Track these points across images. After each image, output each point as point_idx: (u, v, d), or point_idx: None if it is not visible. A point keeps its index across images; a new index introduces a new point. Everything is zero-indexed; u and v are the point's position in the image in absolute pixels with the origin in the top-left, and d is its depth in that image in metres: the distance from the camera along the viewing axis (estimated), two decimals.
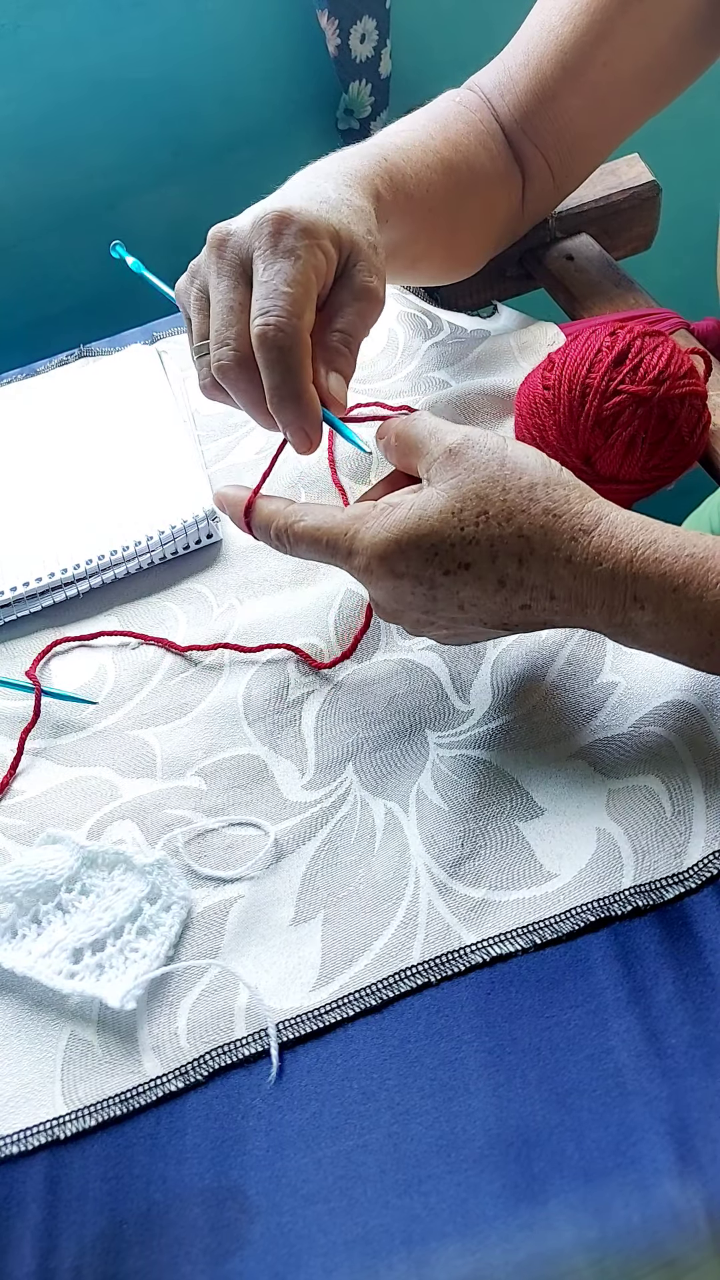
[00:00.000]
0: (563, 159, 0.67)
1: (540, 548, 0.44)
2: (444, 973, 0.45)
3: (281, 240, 0.46)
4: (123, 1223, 0.40)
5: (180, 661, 0.58)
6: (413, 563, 0.45)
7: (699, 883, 0.45)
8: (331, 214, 0.49)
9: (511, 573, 0.44)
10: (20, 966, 0.46)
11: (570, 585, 0.44)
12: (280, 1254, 0.39)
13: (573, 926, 0.45)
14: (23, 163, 0.90)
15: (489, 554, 0.44)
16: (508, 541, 0.44)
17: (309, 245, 0.46)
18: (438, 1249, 0.38)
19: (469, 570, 0.44)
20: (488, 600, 0.45)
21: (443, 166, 0.61)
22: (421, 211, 0.59)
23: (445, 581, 0.45)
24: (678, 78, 0.64)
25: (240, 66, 0.93)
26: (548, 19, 0.63)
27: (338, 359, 0.49)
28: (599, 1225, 0.38)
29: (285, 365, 0.46)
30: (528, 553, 0.44)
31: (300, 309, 0.46)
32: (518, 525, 0.44)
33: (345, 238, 0.48)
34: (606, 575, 0.44)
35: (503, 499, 0.45)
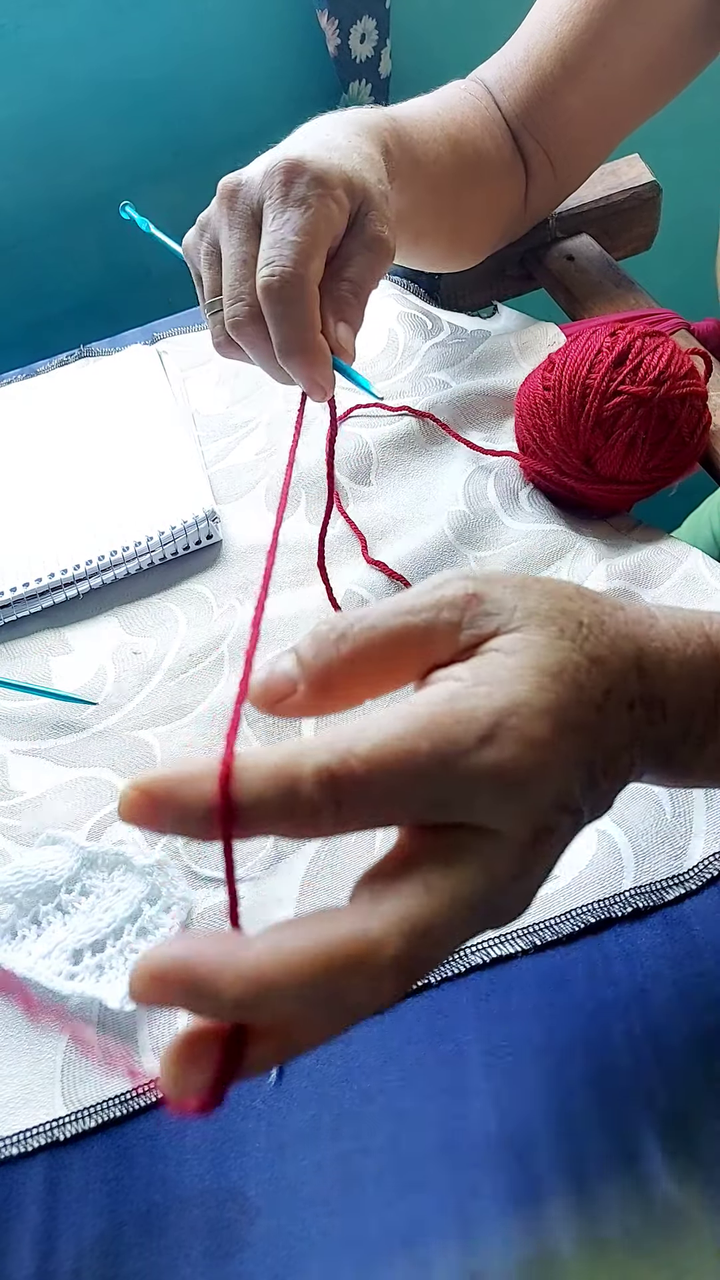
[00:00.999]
0: (564, 156, 0.67)
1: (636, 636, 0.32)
2: (444, 973, 0.45)
3: (292, 189, 0.45)
4: (123, 1224, 0.40)
5: (180, 662, 0.58)
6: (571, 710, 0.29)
7: (700, 884, 0.45)
8: (344, 161, 0.47)
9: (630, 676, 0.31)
10: (20, 967, 0.46)
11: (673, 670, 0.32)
12: (280, 1255, 0.39)
13: (573, 928, 0.45)
14: (23, 163, 0.90)
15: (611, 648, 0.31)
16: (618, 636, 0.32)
17: (321, 194, 0.45)
18: (438, 1250, 0.38)
19: (603, 665, 0.30)
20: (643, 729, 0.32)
21: (450, 143, 0.60)
22: (428, 182, 0.58)
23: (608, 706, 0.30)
24: (678, 76, 0.64)
25: (240, 67, 0.93)
26: (547, 17, 0.63)
27: (346, 309, 0.47)
28: (598, 1226, 0.38)
29: (292, 317, 0.44)
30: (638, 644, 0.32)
31: (307, 259, 0.44)
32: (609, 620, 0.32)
33: (358, 185, 0.47)
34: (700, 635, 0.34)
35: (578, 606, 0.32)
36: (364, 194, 0.47)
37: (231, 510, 0.65)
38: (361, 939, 0.25)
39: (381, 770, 0.26)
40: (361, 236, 0.48)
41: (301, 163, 0.45)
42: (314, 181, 0.45)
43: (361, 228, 0.48)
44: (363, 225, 0.48)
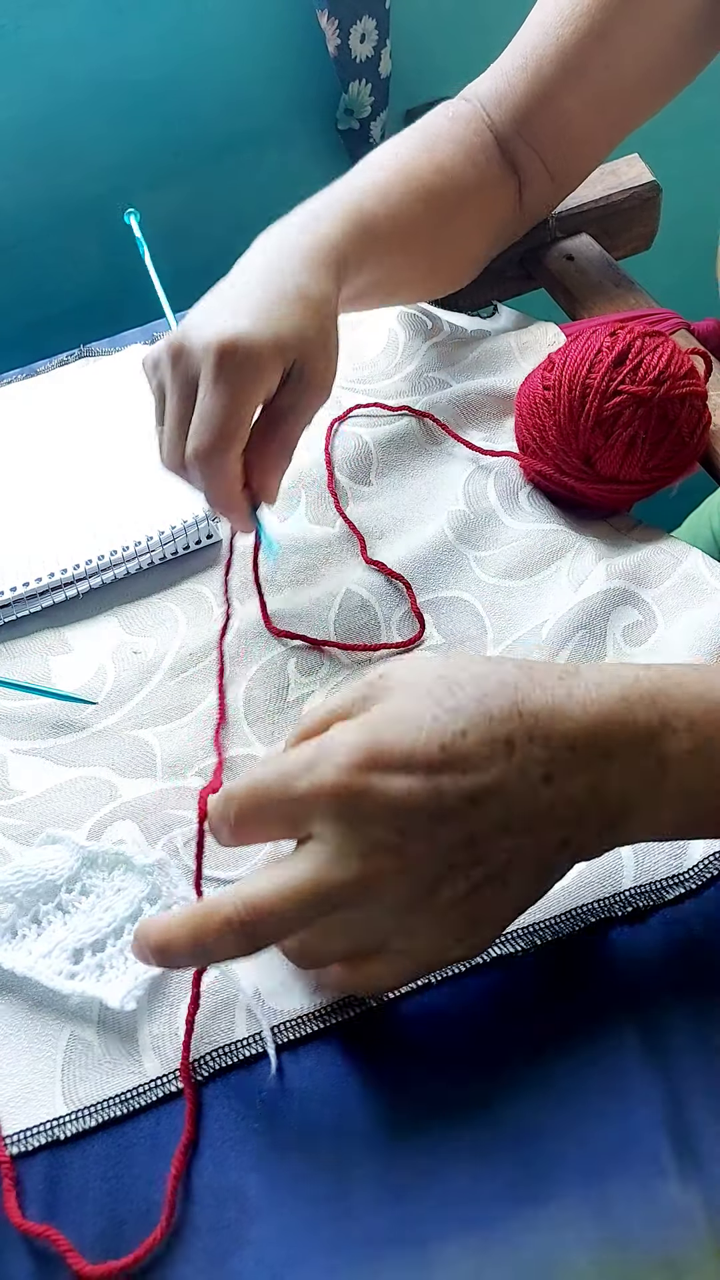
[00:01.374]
0: (562, 160, 0.67)
1: (532, 691, 0.37)
2: (444, 974, 0.45)
3: (223, 372, 0.49)
4: (123, 1223, 0.40)
5: (181, 661, 0.58)
6: (399, 751, 0.35)
7: (699, 884, 0.45)
8: (279, 326, 0.50)
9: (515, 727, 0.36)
10: (20, 967, 0.46)
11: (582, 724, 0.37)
12: (280, 1254, 0.39)
13: (573, 928, 0.45)
14: (23, 163, 0.90)
15: (482, 713, 0.36)
16: (493, 695, 0.36)
17: (250, 376, 0.49)
18: (437, 1249, 0.38)
19: (466, 737, 0.35)
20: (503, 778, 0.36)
21: (426, 194, 0.62)
22: (399, 248, 0.61)
23: (444, 759, 0.35)
24: (678, 76, 0.65)
25: (240, 67, 0.93)
26: (547, 21, 0.63)
27: (272, 458, 0.52)
28: (599, 1226, 0.38)
29: (214, 482, 0.51)
30: (521, 699, 0.37)
31: (231, 435, 0.49)
32: (498, 678, 0.37)
33: (293, 345, 0.51)
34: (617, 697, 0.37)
35: (465, 668, 0.38)
36: (298, 351, 0.51)
37: None
38: (210, 905, 0.37)
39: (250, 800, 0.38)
40: (295, 387, 0.52)
41: (235, 344, 0.49)
42: (244, 363, 0.49)
43: (297, 379, 0.52)
44: (298, 376, 0.52)
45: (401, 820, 0.35)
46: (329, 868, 0.36)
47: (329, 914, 0.36)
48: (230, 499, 0.51)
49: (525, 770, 0.36)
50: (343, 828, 0.36)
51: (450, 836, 0.35)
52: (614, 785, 0.36)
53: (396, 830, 0.35)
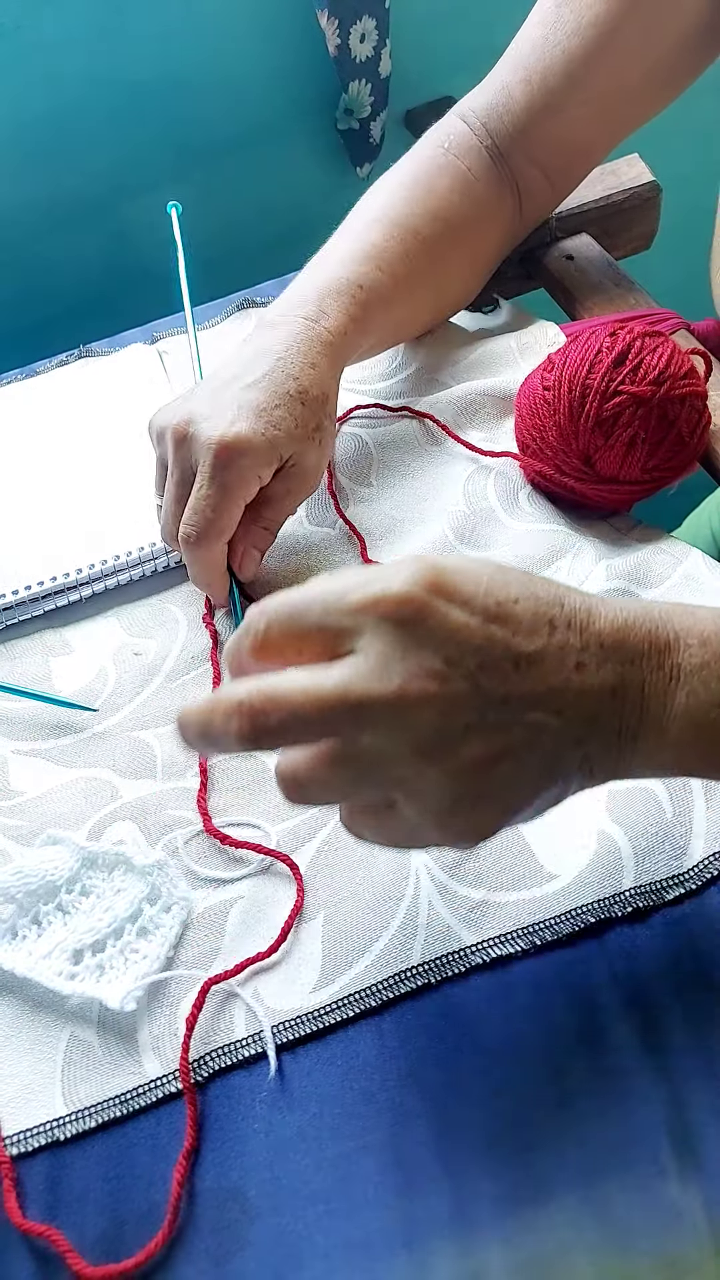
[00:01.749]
0: (563, 169, 0.68)
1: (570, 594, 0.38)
2: (444, 974, 0.45)
3: (218, 471, 0.53)
4: (123, 1223, 0.40)
5: (182, 664, 0.58)
6: (462, 584, 0.35)
7: (699, 884, 0.45)
8: (278, 428, 0.55)
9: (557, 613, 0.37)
10: (20, 967, 0.46)
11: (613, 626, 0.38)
12: (280, 1255, 0.39)
13: (573, 928, 0.45)
14: (23, 163, 0.90)
15: (531, 592, 0.37)
16: (540, 586, 0.38)
17: (244, 475, 0.54)
18: (438, 1250, 0.38)
19: (518, 604, 0.36)
20: (544, 649, 0.36)
21: (424, 246, 0.64)
22: (402, 300, 0.64)
23: (499, 613, 0.36)
24: (681, 79, 0.65)
25: (240, 67, 0.93)
26: (550, 34, 0.63)
27: (257, 540, 0.58)
28: (599, 1227, 0.38)
29: (199, 564, 0.56)
30: (565, 593, 0.38)
31: (217, 529, 0.54)
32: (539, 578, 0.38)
33: (285, 447, 0.55)
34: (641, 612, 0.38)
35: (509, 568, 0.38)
36: (291, 448, 0.56)
37: None
38: (229, 687, 0.36)
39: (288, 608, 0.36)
40: (286, 477, 0.57)
41: (232, 448, 0.53)
42: (240, 465, 0.54)
43: (288, 471, 0.57)
44: (289, 469, 0.57)
45: (454, 650, 0.34)
46: (365, 678, 0.34)
47: (343, 733, 0.34)
48: (211, 580, 0.57)
49: (563, 652, 0.36)
50: (395, 640, 0.34)
51: (491, 687, 0.35)
52: (632, 692, 0.37)
53: (446, 659, 0.34)
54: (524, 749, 0.36)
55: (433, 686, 0.34)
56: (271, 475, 0.56)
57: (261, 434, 0.54)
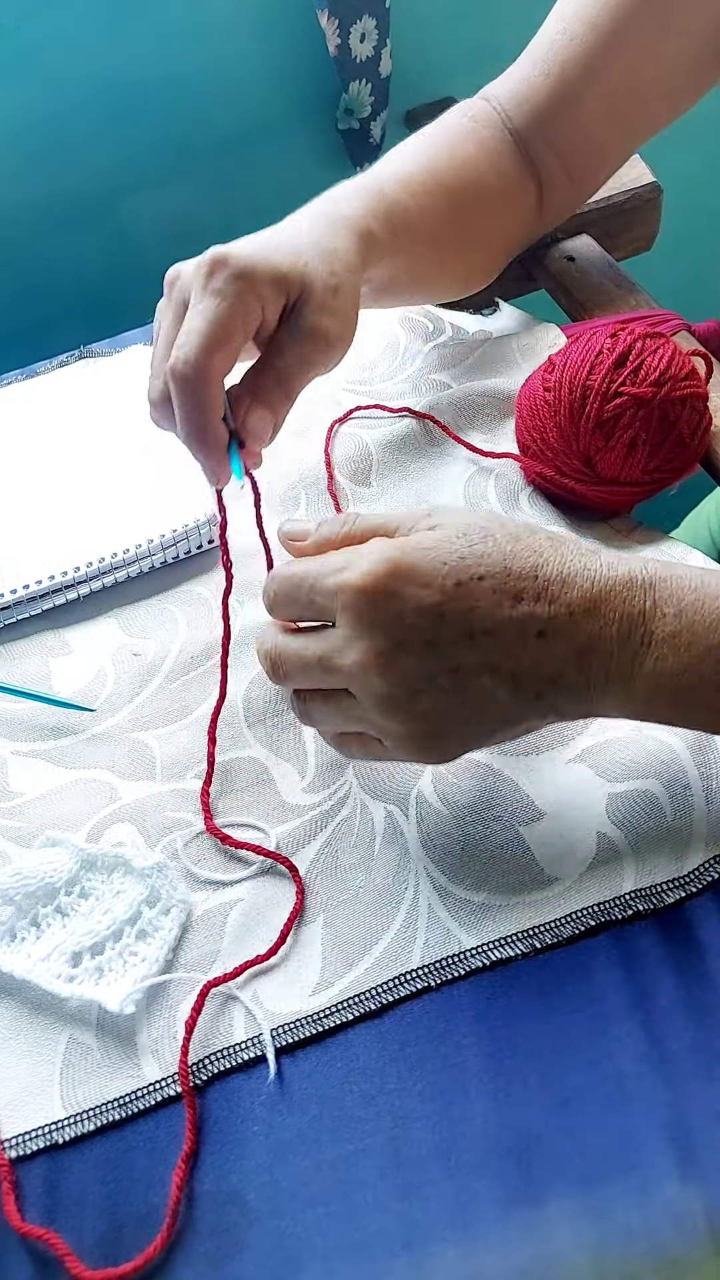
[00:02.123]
0: (582, 164, 0.68)
1: (553, 559, 0.42)
2: (444, 976, 0.45)
3: (211, 282, 0.48)
4: (122, 1227, 0.40)
5: (181, 664, 0.58)
6: (419, 573, 0.40)
7: (700, 887, 0.45)
8: (282, 257, 0.49)
9: (528, 586, 0.41)
10: (19, 970, 0.46)
11: (588, 595, 0.41)
12: (279, 1258, 0.39)
13: (573, 931, 0.45)
14: (24, 163, 0.90)
15: (503, 566, 0.41)
16: (519, 555, 0.41)
17: (240, 288, 0.48)
18: (437, 1253, 0.38)
19: (482, 582, 0.40)
20: (503, 625, 0.40)
21: (447, 193, 0.62)
22: (423, 238, 0.61)
23: (456, 595, 0.40)
24: (698, 83, 0.65)
25: (241, 66, 0.93)
26: (570, 26, 0.63)
27: (265, 394, 0.50)
28: (599, 1229, 0.38)
29: (190, 400, 0.47)
30: (541, 564, 0.41)
31: (212, 346, 0.47)
32: (526, 543, 0.42)
33: (294, 279, 0.49)
34: (623, 579, 0.41)
35: (502, 526, 0.43)
36: (301, 286, 0.50)
37: (231, 512, 0.65)
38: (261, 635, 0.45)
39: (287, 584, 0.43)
40: (296, 326, 0.50)
41: (225, 257, 0.48)
42: (234, 276, 0.47)
43: (296, 317, 0.50)
44: (298, 315, 0.50)
45: (403, 634, 0.40)
46: (334, 651, 0.41)
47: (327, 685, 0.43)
48: (202, 420, 0.48)
49: (525, 624, 0.40)
50: (353, 623, 0.41)
51: (439, 660, 0.40)
52: (599, 655, 0.41)
53: (394, 642, 0.40)
54: (478, 705, 0.41)
55: (379, 664, 0.40)
56: (279, 310, 0.50)
57: (261, 253, 0.49)
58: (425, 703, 0.41)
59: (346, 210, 0.55)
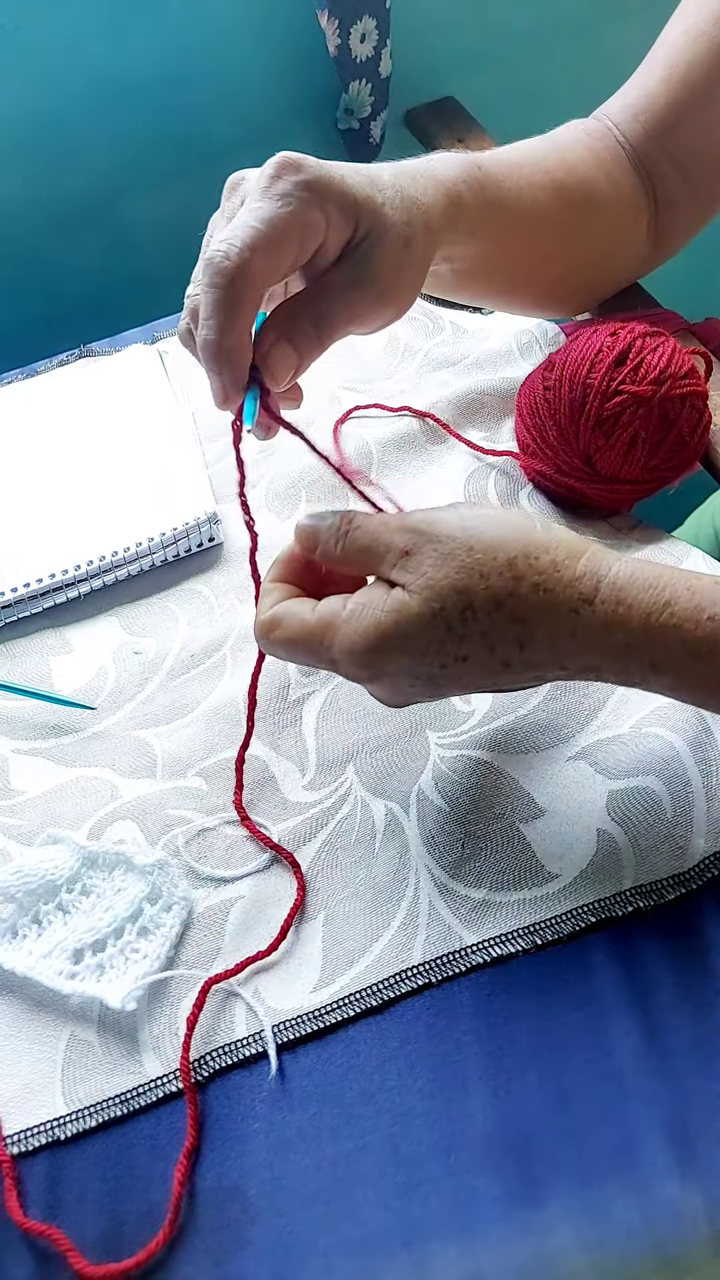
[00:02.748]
0: (706, 175, 0.63)
1: (540, 628, 0.41)
2: (444, 973, 0.45)
3: (276, 184, 0.42)
4: (123, 1223, 0.40)
5: (181, 662, 0.58)
6: (404, 662, 0.41)
7: (700, 884, 0.45)
8: (359, 183, 0.44)
9: (515, 656, 0.41)
10: (21, 967, 0.46)
11: (580, 657, 0.41)
12: (280, 1255, 0.39)
13: (573, 927, 0.45)
14: (24, 162, 0.90)
15: (485, 646, 0.41)
16: (502, 630, 0.41)
17: (305, 197, 0.42)
18: (437, 1250, 0.38)
19: (467, 662, 0.41)
20: (492, 680, 0.43)
21: (553, 185, 0.58)
22: (520, 224, 0.56)
23: (443, 675, 0.42)
24: None
25: (240, 66, 0.93)
26: (693, 25, 0.60)
27: (297, 332, 0.43)
28: (599, 1227, 0.38)
29: (218, 297, 0.41)
30: (527, 636, 0.41)
31: (257, 245, 0.41)
32: (509, 611, 0.40)
33: (366, 210, 0.44)
34: (620, 645, 0.40)
35: (484, 587, 0.40)
36: (372, 221, 0.44)
37: (231, 510, 0.65)
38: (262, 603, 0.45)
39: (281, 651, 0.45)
40: (350, 269, 0.45)
41: (298, 162, 0.43)
42: (303, 184, 0.42)
43: (354, 260, 0.45)
44: (358, 258, 0.45)
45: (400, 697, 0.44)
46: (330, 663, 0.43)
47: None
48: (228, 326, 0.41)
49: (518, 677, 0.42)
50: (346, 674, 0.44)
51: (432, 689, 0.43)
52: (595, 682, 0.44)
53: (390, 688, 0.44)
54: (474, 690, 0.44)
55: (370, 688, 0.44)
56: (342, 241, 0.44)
57: (338, 171, 0.44)
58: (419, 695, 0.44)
59: (439, 169, 0.50)
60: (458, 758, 0.51)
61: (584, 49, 0.98)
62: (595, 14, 0.99)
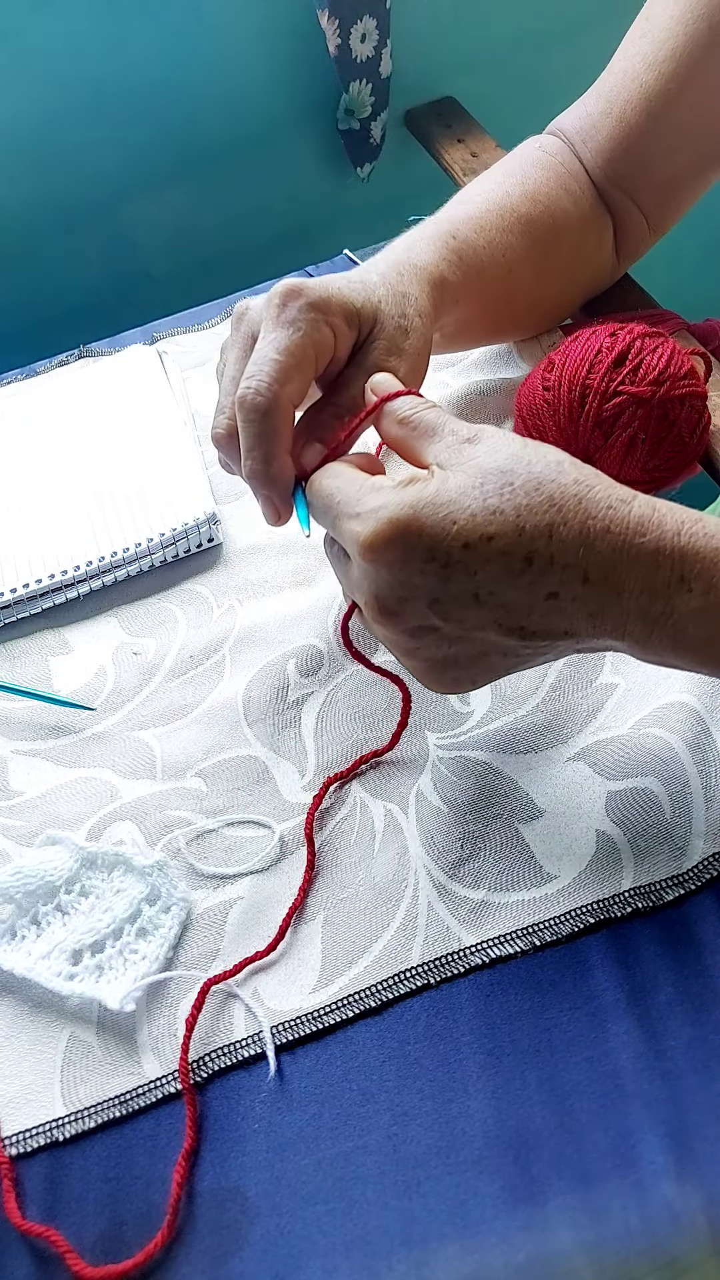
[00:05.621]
0: (652, 201, 0.66)
1: (574, 516, 0.39)
2: (443, 974, 0.45)
3: (284, 312, 0.46)
4: (122, 1224, 0.40)
5: (181, 663, 0.58)
6: (426, 535, 0.39)
7: (698, 885, 0.45)
8: (355, 292, 0.48)
9: (541, 547, 0.39)
10: (20, 968, 0.46)
11: (608, 561, 0.39)
12: (280, 1255, 0.39)
13: (572, 928, 0.45)
14: (25, 166, 0.91)
15: (515, 525, 0.39)
16: (536, 510, 0.39)
17: (313, 318, 0.46)
18: (437, 1250, 0.38)
19: (491, 543, 0.39)
20: (510, 587, 0.39)
21: (521, 225, 0.60)
22: (498, 277, 0.59)
23: (463, 557, 0.39)
24: None
25: (241, 68, 0.93)
26: (630, 66, 0.61)
27: (323, 430, 0.47)
28: (597, 1226, 0.38)
29: (257, 430, 0.45)
30: (560, 522, 0.39)
31: (284, 377, 0.45)
32: (548, 493, 0.39)
33: (366, 314, 0.48)
34: (650, 548, 0.39)
35: (528, 470, 0.40)
36: (373, 322, 0.49)
37: (231, 510, 0.65)
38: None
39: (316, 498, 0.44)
40: (364, 364, 0.48)
41: (299, 287, 0.47)
42: (308, 306, 0.46)
43: (365, 354, 0.49)
44: (367, 353, 0.49)
45: (405, 591, 0.40)
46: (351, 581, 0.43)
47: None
48: (270, 453, 0.46)
49: (534, 587, 0.39)
50: (363, 569, 0.41)
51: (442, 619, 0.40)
52: (613, 619, 0.40)
53: (398, 598, 0.40)
54: (483, 653, 0.42)
55: (383, 615, 0.41)
56: (350, 345, 0.49)
57: (333, 286, 0.48)
58: (429, 650, 0.42)
59: (420, 259, 0.54)
60: (456, 759, 0.51)
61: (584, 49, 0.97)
62: (595, 14, 0.99)
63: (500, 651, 0.42)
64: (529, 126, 0.68)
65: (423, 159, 1.00)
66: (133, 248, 0.99)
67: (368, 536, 0.40)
